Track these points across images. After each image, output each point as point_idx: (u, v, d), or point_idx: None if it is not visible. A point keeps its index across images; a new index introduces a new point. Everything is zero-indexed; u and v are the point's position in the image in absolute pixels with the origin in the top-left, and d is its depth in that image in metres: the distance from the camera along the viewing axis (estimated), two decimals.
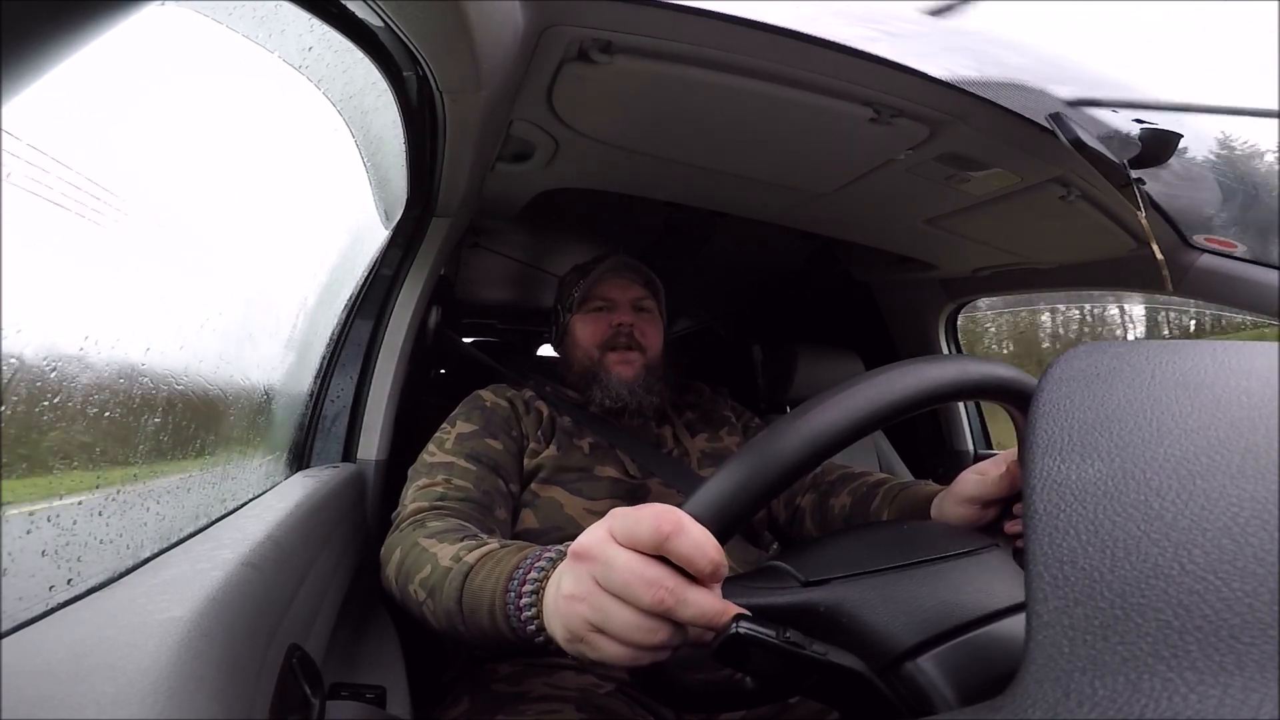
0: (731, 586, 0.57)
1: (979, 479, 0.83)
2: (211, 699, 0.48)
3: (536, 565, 0.70)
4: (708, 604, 0.51)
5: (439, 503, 1.06)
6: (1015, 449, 0.79)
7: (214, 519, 0.85)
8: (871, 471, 1.26)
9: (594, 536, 0.55)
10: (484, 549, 0.82)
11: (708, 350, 3.42)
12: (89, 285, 0.61)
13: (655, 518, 0.51)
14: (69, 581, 0.56)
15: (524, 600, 0.69)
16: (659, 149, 1.32)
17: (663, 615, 0.51)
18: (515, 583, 0.71)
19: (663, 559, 0.51)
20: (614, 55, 0.96)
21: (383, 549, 1.01)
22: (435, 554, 0.88)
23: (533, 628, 0.67)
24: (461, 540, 0.89)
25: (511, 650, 0.76)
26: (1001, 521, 0.83)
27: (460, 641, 0.83)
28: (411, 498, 1.09)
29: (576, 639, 0.56)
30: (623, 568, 0.51)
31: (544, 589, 0.67)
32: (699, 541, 0.50)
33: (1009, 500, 0.82)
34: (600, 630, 0.53)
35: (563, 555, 0.69)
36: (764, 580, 0.61)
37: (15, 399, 0.51)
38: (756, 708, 0.90)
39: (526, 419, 1.29)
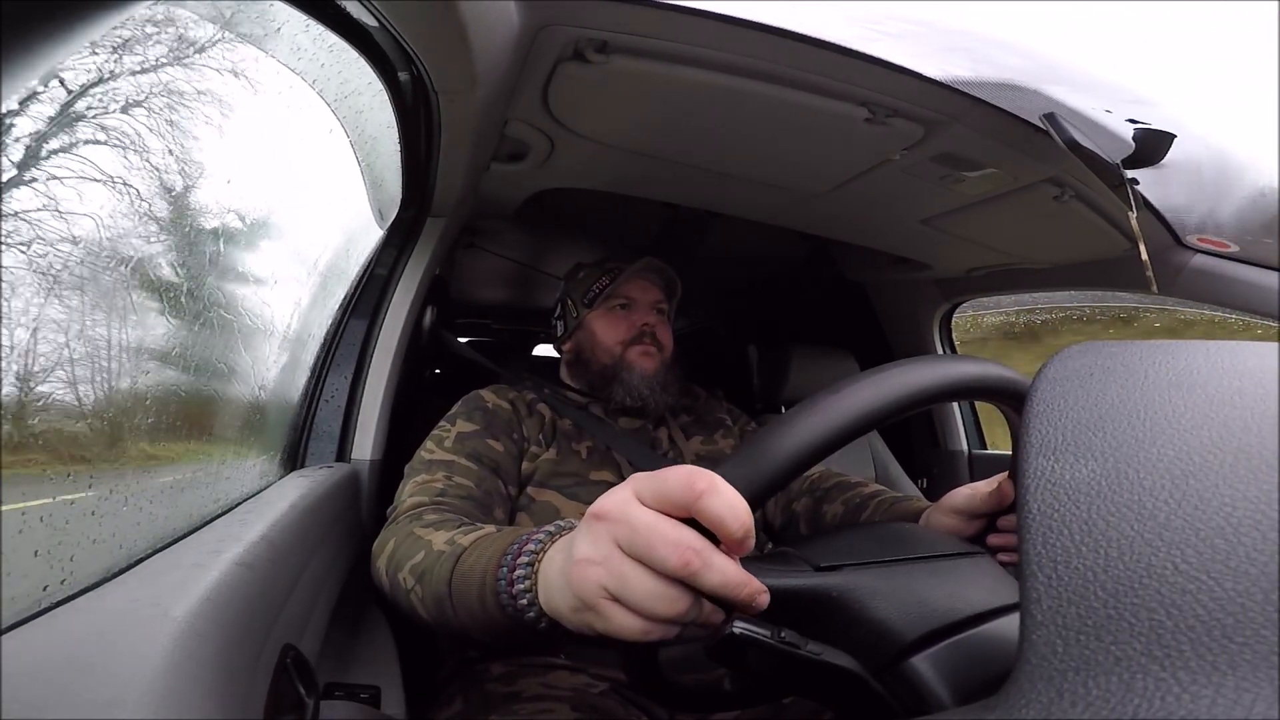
0: (745, 567, 0.57)
1: (970, 493, 0.87)
2: (206, 699, 0.48)
3: (534, 538, 0.67)
4: (733, 572, 0.48)
5: (439, 499, 1.04)
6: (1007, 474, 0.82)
7: (208, 519, 0.84)
8: (867, 483, 1.27)
9: (616, 497, 0.51)
10: (480, 532, 0.80)
11: (704, 350, 3.42)
12: (78, 284, 0.61)
13: (688, 474, 0.48)
14: (63, 581, 0.56)
15: (518, 573, 0.65)
16: (654, 149, 1.32)
17: (685, 582, 0.48)
18: (509, 557, 0.67)
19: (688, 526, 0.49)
20: (609, 55, 0.97)
21: (375, 543, 0.98)
22: (429, 540, 0.85)
23: (524, 601, 0.64)
24: (459, 527, 0.87)
25: (502, 634, 0.71)
26: (986, 536, 0.86)
27: (450, 631, 0.79)
28: (410, 492, 1.06)
29: (586, 608, 0.52)
30: (647, 527, 0.48)
31: (540, 562, 0.63)
32: (733, 502, 0.47)
33: (995, 515, 0.85)
34: (614, 598, 0.50)
35: (561, 530, 0.66)
36: (776, 563, 0.61)
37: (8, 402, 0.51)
38: (751, 708, 0.90)
39: (529, 421, 1.29)
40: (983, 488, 0.85)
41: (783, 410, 2.15)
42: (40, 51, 0.35)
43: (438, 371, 2.44)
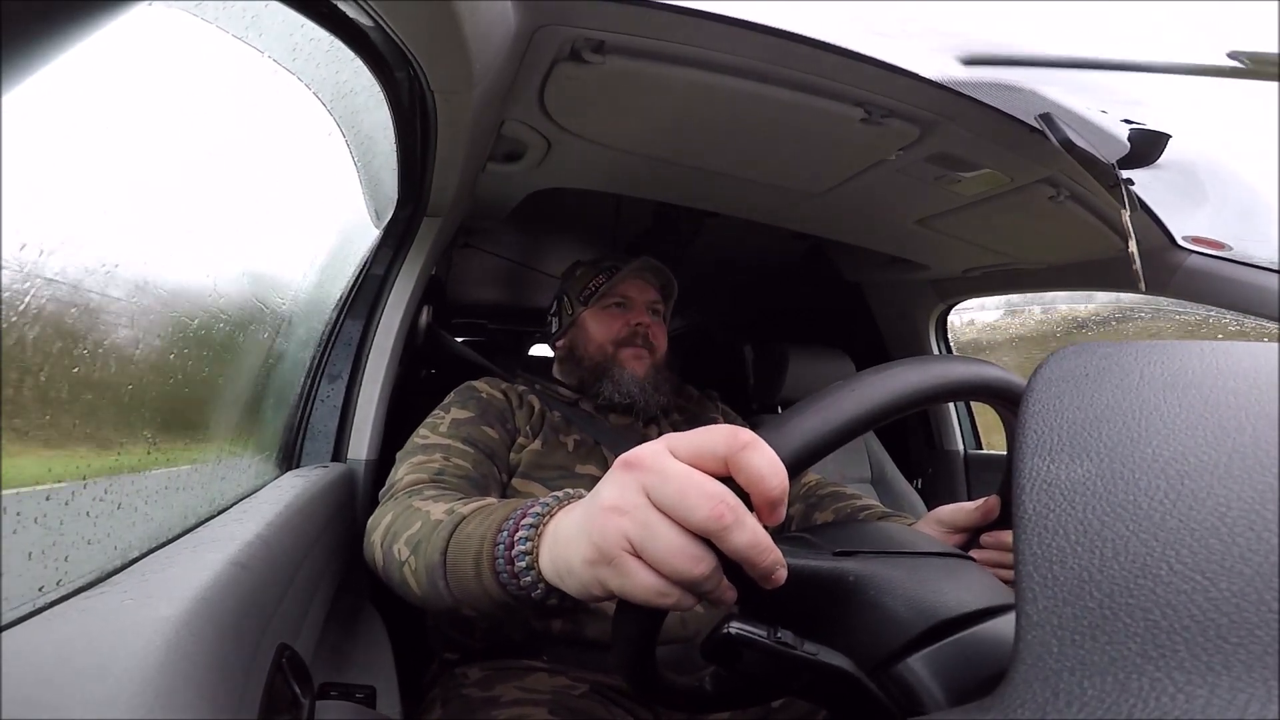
0: None
1: (956, 508, 0.88)
2: (200, 699, 0.48)
3: (541, 501, 0.64)
4: (762, 533, 0.46)
5: (438, 477, 1.04)
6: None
7: (203, 519, 0.84)
8: (860, 495, 1.29)
9: (649, 448, 0.49)
10: (481, 502, 0.78)
11: (699, 349, 3.42)
12: (69, 283, 0.60)
13: (730, 428, 0.46)
14: (57, 582, 0.56)
15: (519, 534, 0.63)
16: (651, 149, 1.32)
17: (713, 539, 0.45)
18: (510, 523, 0.65)
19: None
20: (606, 55, 0.97)
21: (370, 519, 0.95)
22: (428, 511, 0.83)
23: (523, 564, 0.61)
24: (459, 499, 0.85)
25: (493, 606, 0.68)
26: (969, 549, 0.87)
27: (439, 608, 0.76)
28: (406, 471, 1.05)
29: (603, 560, 0.49)
30: (681, 476, 0.46)
31: (546, 525, 0.62)
32: (773, 460, 0.46)
33: (978, 530, 0.86)
34: (636, 553, 0.47)
35: (570, 496, 0.64)
36: (794, 546, 0.60)
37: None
38: (744, 708, 0.90)
39: (519, 412, 1.30)
40: (969, 505, 0.86)
41: (779, 411, 2.15)
42: (39, 52, 0.35)
43: (433, 372, 2.44)
